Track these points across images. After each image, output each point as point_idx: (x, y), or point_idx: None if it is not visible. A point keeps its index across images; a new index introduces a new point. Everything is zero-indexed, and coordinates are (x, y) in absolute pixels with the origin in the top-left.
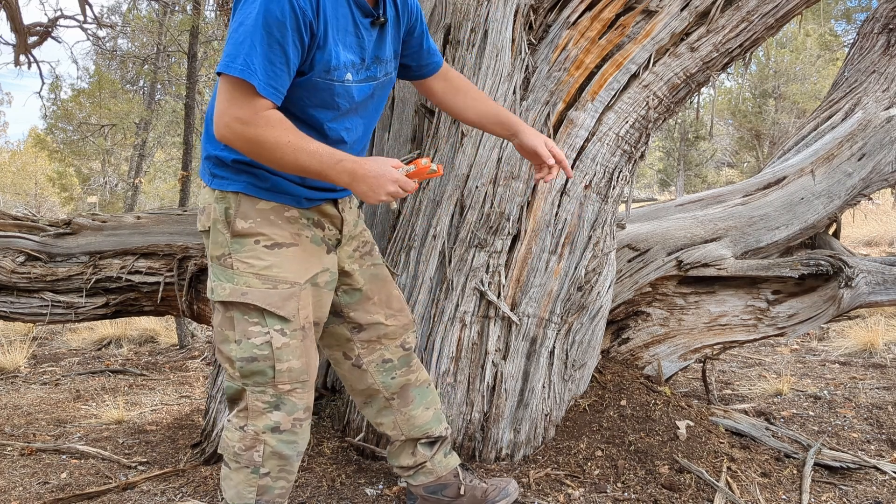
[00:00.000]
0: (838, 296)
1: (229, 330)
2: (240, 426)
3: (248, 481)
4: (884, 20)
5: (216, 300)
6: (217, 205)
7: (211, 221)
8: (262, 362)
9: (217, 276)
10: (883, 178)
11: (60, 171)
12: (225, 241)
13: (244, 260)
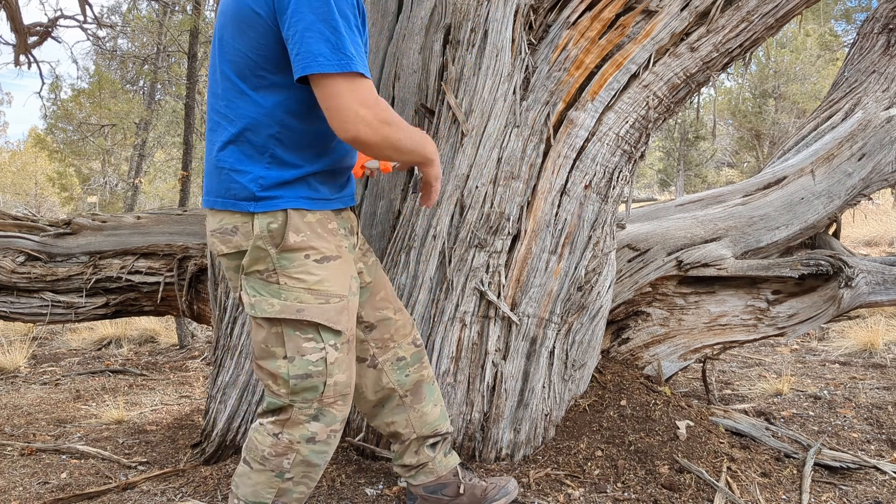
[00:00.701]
0: (838, 296)
1: (277, 346)
2: (274, 433)
3: (270, 483)
4: (884, 20)
5: (260, 316)
6: (256, 224)
7: (250, 241)
8: (315, 378)
9: (258, 291)
10: (883, 178)
11: (60, 171)
12: (269, 256)
13: (294, 275)
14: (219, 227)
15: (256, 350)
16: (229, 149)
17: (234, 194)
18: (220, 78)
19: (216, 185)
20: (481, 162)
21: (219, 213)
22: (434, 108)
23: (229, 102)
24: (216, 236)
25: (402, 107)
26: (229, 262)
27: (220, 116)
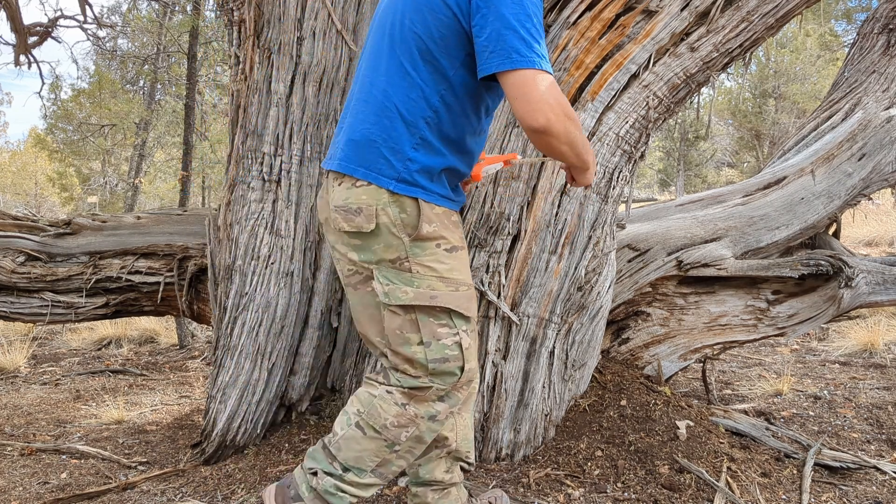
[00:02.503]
0: (838, 296)
1: (412, 333)
2: (402, 403)
3: (378, 452)
4: (884, 20)
5: (395, 304)
6: (390, 208)
7: (378, 224)
8: (452, 363)
9: (391, 279)
10: (883, 178)
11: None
12: (401, 244)
13: (425, 264)
14: (344, 204)
15: (392, 337)
16: (382, 123)
17: (379, 168)
18: (386, 54)
19: (356, 154)
20: None
21: (347, 185)
22: None
23: (391, 79)
24: (339, 213)
25: None
26: (345, 239)
27: (379, 91)
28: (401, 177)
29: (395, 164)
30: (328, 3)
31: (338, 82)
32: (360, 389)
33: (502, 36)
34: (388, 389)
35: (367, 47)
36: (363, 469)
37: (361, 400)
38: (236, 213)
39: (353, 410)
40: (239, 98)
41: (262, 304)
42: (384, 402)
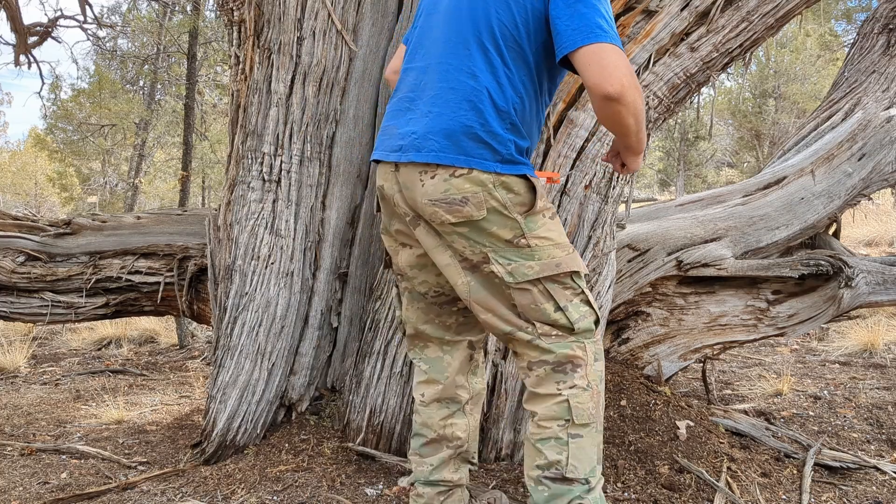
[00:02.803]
0: (838, 296)
1: (547, 302)
2: (585, 386)
3: (596, 441)
4: (884, 20)
5: (523, 280)
6: (497, 191)
7: (487, 209)
8: (588, 318)
9: (511, 258)
10: (883, 178)
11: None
12: (516, 223)
13: (540, 235)
14: (444, 196)
15: (529, 312)
16: (477, 109)
17: (481, 154)
18: (468, 41)
19: (452, 144)
20: None
21: (443, 176)
22: None
23: (478, 66)
24: (440, 206)
25: None
26: (449, 230)
27: (467, 77)
28: (504, 158)
29: (496, 147)
30: (328, 3)
31: (338, 82)
32: (541, 408)
33: (584, 15)
34: (573, 384)
35: (434, 33)
36: (595, 466)
37: (553, 413)
38: (236, 213)
39: (553, 430)
40: (239, 98)
41: (262, 304)
42: (577, 398)
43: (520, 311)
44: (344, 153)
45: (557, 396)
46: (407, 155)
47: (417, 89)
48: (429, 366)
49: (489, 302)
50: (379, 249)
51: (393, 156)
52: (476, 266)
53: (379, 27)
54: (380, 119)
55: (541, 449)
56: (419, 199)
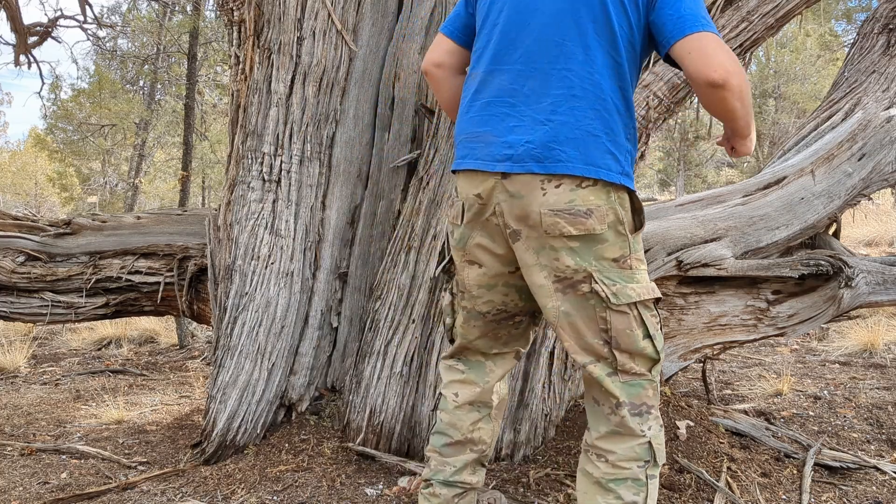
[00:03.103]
0: (838, 296)
1: (639, 328)
2: (660, 425)
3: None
4: (884, 20)
5: (626, 303)
6: (618, 207)
7: (607, 224)
8: (662, 352)
9: (615, 279)
10: (883, 178)
11: (60, 171)
12: (626, 242)
13: (639, 257)
14: (569, 207)
15: (620, 337)
16: (602, 117)
17: (606, 164)
18: (591, 45)
19: (578, 152)
20: None
21: (569, 186)
22: (434, 108)
23: (600, 70)
24: (563, 217)
25: (403, 107)
26: (560, 243)
27: (588, 83)
28: (624, 170)
29: (619, 157)
30: (328, 3)
31: (338, 82)
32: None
33: (688, 6)
34: (650, 424)
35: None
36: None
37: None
38: (236, 213)
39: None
40: (239, 98)
41: (262, 304)
42: (656, 440)
43: (612, 335)
44: (344, 153)
45: (640, 438)
46: (524, 165)
47: (518, 94)
48: (469, 368)
49: (577, 327)
50: (379, 249)
51: (501, 166)
52: (573, 286)
53: (379, 27)
54: (379, 119)
55: (614, 489)
56: (535, 209)
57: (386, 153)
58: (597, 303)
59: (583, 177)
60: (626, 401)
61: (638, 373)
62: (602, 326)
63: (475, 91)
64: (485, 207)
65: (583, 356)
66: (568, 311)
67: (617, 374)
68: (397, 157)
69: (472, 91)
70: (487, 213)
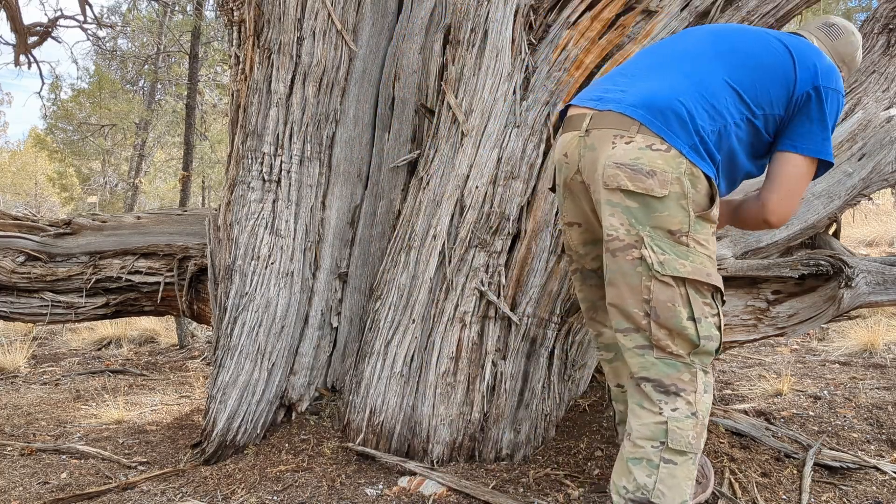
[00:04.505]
0: (838, 296)
1: (683, 307)
2: (691, 413)
3: (691, 473)
4: (884, 20)
5: (670, 274)
6: (686, 180)
7: (670, 191)
8: (713, 342)
9: (665, 249)
10: (883, 178)
11: (60, 171)
12: (685, 218)
13: (701, 241)
14: (632, 163)
15: (660, 309)
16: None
17: (679, 135)
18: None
19: (658, 113)
20: (481, 162)
21: (640, 145)
22: (434, 108)
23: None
24: (623, 170)
25: (403, 107)
26: (618, 198)
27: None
28: (695, 145)
29: (691, 131)
30: (328, 3)
31: (338, 82)
32: (634, 425)
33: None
34: (675, 407)
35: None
36: (686, 501)
37: (649, 433)
38: (236, 213)
39: (646, 451)
40: (239, 98)
41: (262, 304)
42: (678, 422)
43: (652, 306)
44: (344, 153)
45: (657, 416)
46: (605, 104)
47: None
48: (611, 353)
49: (616, 290)
50: (379, 249)
51: (591, 103)
52: (624, 248)
53: (379, 27)
54: (379, 119)
55: (632, 469)
56: (601, 161)
57: (386, 153)
58: (644, 269)
59: (656, 135)
60: (651, 375)
61: (675, 353)
62: (645, 296)
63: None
64: (568, 165)
65: (619, 321)
66: (616, 270)
67: (651, 348)
68: (397, 157)
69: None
70: (572, 172)
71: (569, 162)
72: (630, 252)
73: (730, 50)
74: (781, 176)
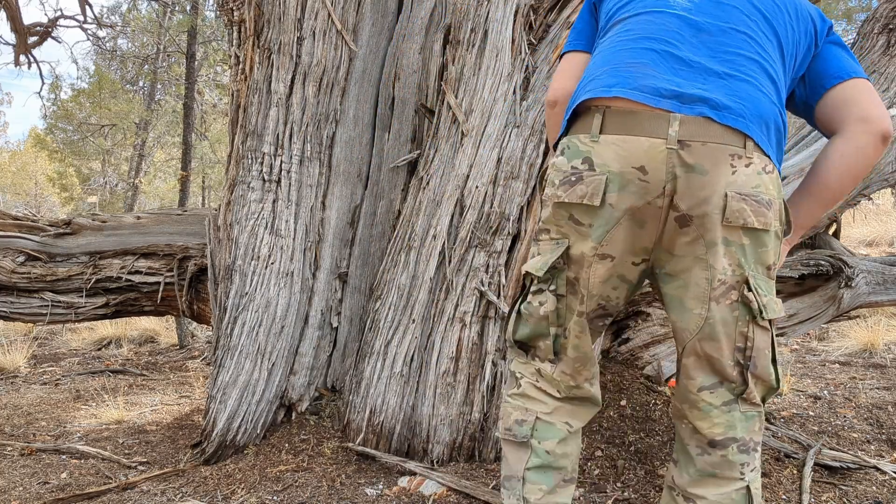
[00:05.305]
0: (838, 296)
1: (772, 350)
2: (758, 466)
3: None
4: (884, 20)
5: (770, 317)
6: (782, 206)
7: (778, 221)
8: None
9: (766, 289)
10: (883, 178)
11: (60, 171)
12: (778, 247)
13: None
14: (754, 193)
15: (760, 358)
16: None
17: (774, 147)
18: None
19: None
20: (481, 162)
21: (758, 168)
22: (434, 108)
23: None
24: (748, 202)
25: (403, 107)
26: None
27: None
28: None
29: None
30: (328, 3)
31: (338, 82)
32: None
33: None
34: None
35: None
36: None
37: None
38: (236, 213)
39: None
40: (239, 98)
41: (262, 304)
42: (755, 482)
43: (752, 354)
44: (344, 153)
45: (738, 482)
46: (695, 107)
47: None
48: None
49: (716, 343)
50: (379, 249)
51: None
52: (727, 292)
53: (379, 27)
54: (379, 119)
55: None
56: (720, 190)
57: (386, 153)
58: (742, 314)
59: (769, 158)
60: (737, 435)
61: (755, 402)
62: (740, 344)
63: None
64: (648, 187)
65: (706, 377)
66: (720, 319)
67: (737, 402)
68: (397, 157)
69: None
70: (653, 195)
71: (648, 180)
72: (729, 296)
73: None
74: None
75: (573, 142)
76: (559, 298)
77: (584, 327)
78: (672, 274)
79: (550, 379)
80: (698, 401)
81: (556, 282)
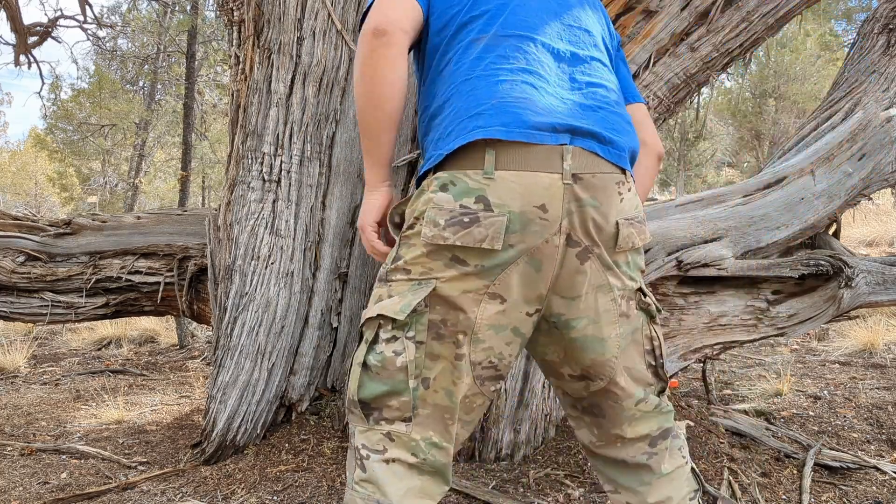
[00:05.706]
0: (838, 296)
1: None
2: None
3: None
4: (884, 20)
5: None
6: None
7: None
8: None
9: (648, 289)
10: (883, 178)
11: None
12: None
13: None
14: (636, 214)
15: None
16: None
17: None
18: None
19: (627, 142)
20: None
21: (634, 190)
22: None
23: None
24: (636, 226)
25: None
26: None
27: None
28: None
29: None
30: (328, 3)
31: (338, 82)
32: (675, 491)
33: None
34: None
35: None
36: None
37: (686, 491)
38: (236, 213)
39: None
40: (239, 98)
41: (262, 304)
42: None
43: (660, 351)
44: (344, 153)
45: (685, 467)
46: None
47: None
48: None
49: (631, 356)
50: None
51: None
52: (627, 304)
53: None
54: None
55: None
56: (612, 218)
57: None
58: (645, 319)
59: (629, 173)
60: (666, 423)
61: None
62: (647, 346)
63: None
64: (546, 225)
65: (636, 388)
66: (629, 332)
67: (660, 399)
68: (397, 156)
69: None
70: (550, 232)
71: (548, 218)
72: (630, 307)
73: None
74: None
75: (459, 178)
76: (418, 346)
77: (462, 373)
78: (575, 317)
79: (404, 442)
80: (636, 413)
81: (416, 327)
